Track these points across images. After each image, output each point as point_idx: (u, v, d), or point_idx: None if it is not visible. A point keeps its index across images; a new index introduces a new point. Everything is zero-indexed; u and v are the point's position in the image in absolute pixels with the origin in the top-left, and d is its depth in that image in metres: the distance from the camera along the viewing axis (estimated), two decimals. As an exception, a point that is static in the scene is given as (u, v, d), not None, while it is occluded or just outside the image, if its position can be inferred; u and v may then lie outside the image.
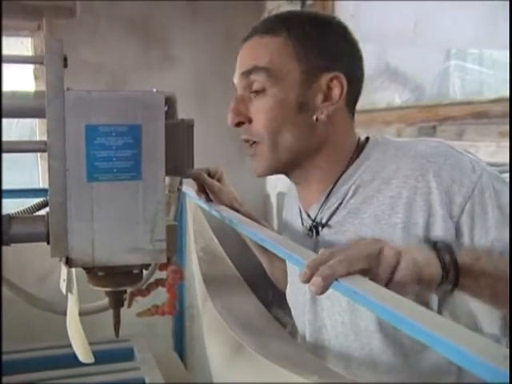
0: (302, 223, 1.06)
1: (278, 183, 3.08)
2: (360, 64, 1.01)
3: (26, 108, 0.88)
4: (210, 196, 1.15)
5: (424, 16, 2.06)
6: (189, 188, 1.22)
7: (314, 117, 0.95)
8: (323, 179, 1.00)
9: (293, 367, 0.58)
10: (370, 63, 2.38)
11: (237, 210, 1.09)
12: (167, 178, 0.91)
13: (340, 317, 0.94)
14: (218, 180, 1.17)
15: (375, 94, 2.38)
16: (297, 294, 1.04)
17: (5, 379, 1.11)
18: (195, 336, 1.57)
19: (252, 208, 1.21)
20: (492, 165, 0.91)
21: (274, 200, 3.22)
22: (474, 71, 1.93)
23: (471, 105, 1.68)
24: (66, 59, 0.83)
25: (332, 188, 0.99)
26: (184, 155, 0.91)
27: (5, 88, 0.87)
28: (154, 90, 0.87)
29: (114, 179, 0.85)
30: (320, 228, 1.00)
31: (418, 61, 2.11)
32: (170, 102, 0.90)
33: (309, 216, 1.04)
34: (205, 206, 1.15)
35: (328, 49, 0.95)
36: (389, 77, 2.29)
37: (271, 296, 2.14)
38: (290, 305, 1.06)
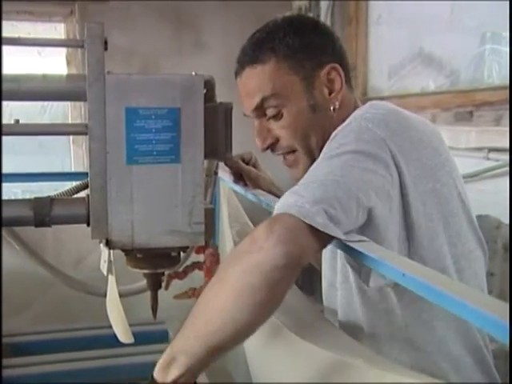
0: None
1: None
2: (339, 44, 1.06)
3: (59, 91, 0.88)
4: (248, 183, 1.15)
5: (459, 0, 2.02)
6: (223, 172, 1.22)
7: (331, 108, 1.01)
8: None
9: (336, 350, 0.58)
10: (402, 48, 2.34)
11: (275, 195, 1.09)
12: (204, 162, 0.91)
13: (339, 291, 0.98)
14: (254, 166, 1.18)
15: (408, 80, 2.35)
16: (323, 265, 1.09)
17: (41, 358, 1.13)
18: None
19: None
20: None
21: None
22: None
23: (508, 89, 1.64)
24: (106, 42, 0.84)
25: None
26: (222, 138, 0.91)
27: (36, 71, 0.88)
28: (193, 74, 0.87)
29: (154, 162, 0.85)
30: None
31: (454, 45, 2.07)
32: (208, 85, 0.89)
33: None
34: (240, 190, 1.15)
35: (313, 48, 1.01)
36: (422, 62, 2.26)
37: (301, 282, 2.14)
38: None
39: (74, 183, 1.01)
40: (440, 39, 2.15)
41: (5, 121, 0.85)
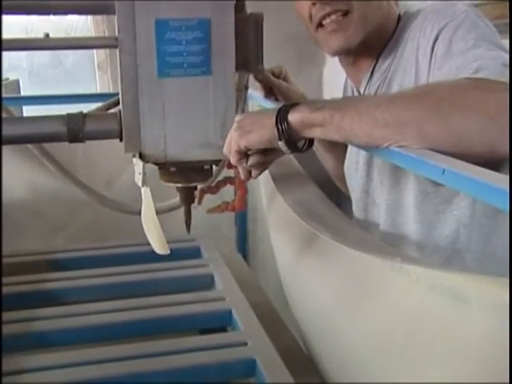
0: None
1: (334, 94, 3.03)
2: None
3: (87, 4, 0.87)
4: (278, 97, 1.14)
5: None
6: (253, 89, 1.20)
7: None
8: (370, 54, 1.04)
9: (372, 252, 0.58)
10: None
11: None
12: (236, 75, 0.89)
13: (387, 195, 0.99)
14: (284, 80, 1.16)
15: (441, -6, 2.26)
16: (351, 169, 1.11)
17: (79, 273, 1.17)
18: (258, 238, 1.61)
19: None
20: None
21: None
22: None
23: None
24: (134, -49, 0.81)
25: (375, 64, 1.04)
26: (253, 50, 0.89)
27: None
28: (223, -17, 0.84)
29: (185, 74, 0.84)
30: None
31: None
32: (238, -6, 0.87)
33: (359, 92, 1.09)
34: (271, 105, 1.14)
35: None
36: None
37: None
38: (348, 180, 1.15)
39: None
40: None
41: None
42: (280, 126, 0.74)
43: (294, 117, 0.74)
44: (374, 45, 1.02)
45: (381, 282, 0.57)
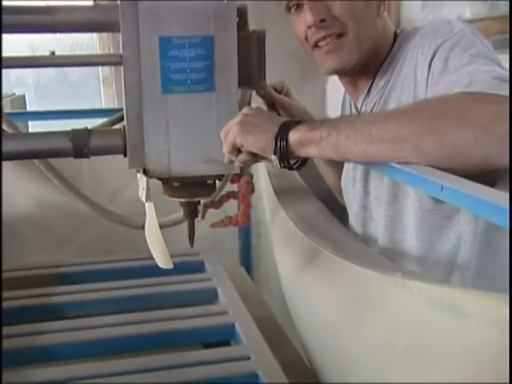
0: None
1: (338, 107, 3.04)
2: None
3: (92, 21, 0.88)
4: (281, 113, 1.15)
5: None
6: (255, 104, 1.21)
7: (381, 9, 1.01)
8: (367, 72, 1.05)
9: (373, 267, 0.59)
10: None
11: (309, 123, 1.09)
12: (238, 91, 0.91)
13: (385, 211, 0.99)
14: (286, 95, 1.17)
15: (443, 9, 2.27)
16: (349, 184, 1.12)
17: (83, 287, 1.17)
18: (262, 252, 1.61)
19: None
20: None
21: (334, 123, 3.17)
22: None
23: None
24: (137, -30, 0.83)
25: (372, 82, 1.05)
26: (256, 66, 0.90)
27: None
28: (225, 1, 0.86)
29: (188, 91, 0.86)
30: None
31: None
32: (241, 12, 0.88)
33: (356, 108, 1.11)
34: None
35: None
36: (457, -10, 2.18)
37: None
38: (344, 194, 1.16)
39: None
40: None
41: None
42: (279, 142, 0.76)
43: (293, 136, 0.76)
44: (370, 63, 1.03)
45: (382, 297, 0.58)
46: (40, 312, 1.09)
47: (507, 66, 0.87)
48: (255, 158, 0.83)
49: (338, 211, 1.19)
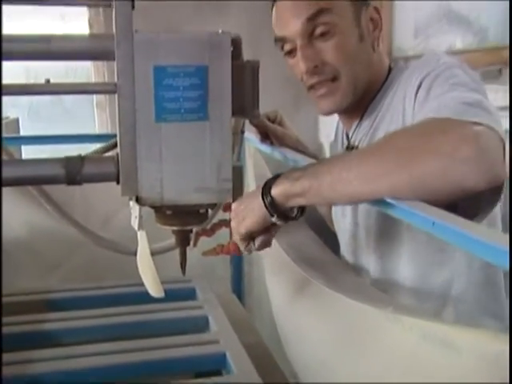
0: (342, 144, 1.17)
1: (331, 133, 3.06)
2: None
3: (88, 50, 0.88)
4: (274, 142, 1.16)
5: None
6: (249, 132, 1.22)
7: (374, 45, 1.04)
8: (361, 105, 1.07)
9: (366, 301, 0.59)
10: (429, 6, 2.30)
11: (301, 152, 1.10)
12: (232, 120, 0.91)
13: (375, 242, 1.00)
14: (280, 124, 1.18)
15: (434, 39, 2.31)
16: (339, 214, 1.14)
17: (74, 313, 1.16)
18: (254, 279, 1.61)
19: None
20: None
21: (327, 149, 3.20)
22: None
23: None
24: (133, 1, 0.84)
25: (365, 112, 1.07)
26: (249, 96, 0.91)
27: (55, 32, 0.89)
28: (220, 31, 0.87)
29: (182, 120, 0.86)
30: (352, 150, 1.09)
31: (482, 2, 2.03)
32: (235, 42, 0.89)
33: (347, 137, 1.14)
34: (266, 149, 1.16)
35: None
36: (449, 20, 2.22)
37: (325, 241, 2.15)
38: (335, 224, 1.17)
39: (99, 145, 1.03)
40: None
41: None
42: (267, 204, 0.82)
43: (276, 191, 0.81)
44: (365, 97, 1.06)
45: (374, 330, 0.58)
46: (28, 339, 1.08)
47: (496, 96, 0.88)
48: (269, 232, 0.88)
49: (330, 239, 1.20)
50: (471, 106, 0.75)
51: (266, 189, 0.82)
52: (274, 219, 0.82)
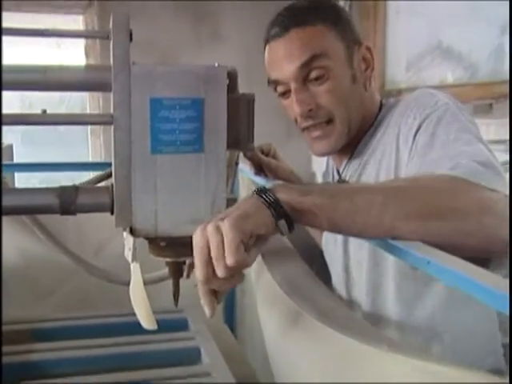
0: (333, 179, 1.18)
1: (323, 162, 3.07)
2: None
3: (84, 81, 0.89)
4: (268, 174, 1.17)
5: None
6: (243, 164, 1.23)
7: (366, 84, 1.05)
8: (352, 141, 1.08)
9: (358, 337, 0.59)
10: (421, 40, 2.34)
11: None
12: (226, 152, 0.92)
13: (366, 275, 1.00)
14: (273, 157, 1.19)
15: (426, 72, 2.35)
16: (330, 246, 1.15)
17: (64, 344, 1.15)
18: (246, 309, 1.60)
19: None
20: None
21: (319, 179, 3.21)
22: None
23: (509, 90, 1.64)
24: (131, 34, 0.85)
25: (355, 148, 1.08)
26: (245, 129, 0.92)
27: (57, 63, 0.90)
28: (216, 65, 0.88)
29: (177, 152, 0.87)
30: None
31: (473, 37, 2.07)
32: (231, 76, 0.90)
33: (338, 172, 1.15)
34: (261, 181, 1.16)
35: (351, 26, 1.06)
36: (441, 54, 2.26)
37: (315, 271, 2.15)
38: (326, 256, 1.17)
39: (92, 173, 1.03)
40: (459, 31, 2.15)
41: (26, 111, 0.87)
42: (273, 206, 0.68)
43: (283, 198, 0.69)
44: (355, 137, 1.07)
45: (366, 366, 0.58)
46: (16, 370, 1.07)
47: (488, 130, 0.90)
48: (262, 241, 0.72)
49: (325, 268, 1.20)
50: (484, 166, 0.76)
51: (267, 195, 0.69)
52: (281, 224, 0.67)
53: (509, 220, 0.68)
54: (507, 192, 0.74)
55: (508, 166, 1.70)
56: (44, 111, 0.88)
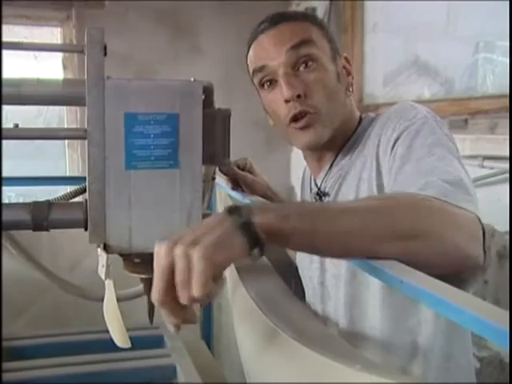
0: (311, 190, 1.16)
1: (301, 175, 3.08)
2: None
3: (59, 95, 0.88)
4: (244, 189, 1.16)
5: (455, 8, 2.04)
6: (220, 178, 1.22)
7: (349, 89, 1.08)
8: (331, 151, 1.09)
9: (333, 355, 0.58)
10: (398, 56, 2.36)
11: (271, 199, 1.10)
12: (202, 167, 0.91)
13: (344, 289, 1.00)
14: (249, 171, 1.18)
15: (403, 87, 2.37)
16: (306, 261, 1.14)
17: (37, 362, 1.13)
18: (223, 325, 1.59)
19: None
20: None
21: (298, 192, 3.22)
22: (503, 64, 1.90)
23: (504, 98, 1.66)
24: (105, 48, 0.84)
25: (334, 159, 1.09)
26: (220, 144, 0.91)
27: (33, 75, 0.89)
28: (192, 79, 0.87)
29: (152, 167, 0.86)
30: (322, 196, 1.10)
31: (449, 54, 2.09)
32: (207, 91, 0.90)
33: (316, 184, 1.13)
34: (237, 196, 1.16)
35: (333, 37, 1.09)
36: (417, 70, 2.28)
37: (291, 286, 2.15)
38: (301, 271, 1.16)
39: (69, 187, 1.02)
40: (435, 47, 2.18)
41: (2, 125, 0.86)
42: (247, 234, 0.63)
43: (259, 223, 0.64)
44: (337, 141, 1.07)
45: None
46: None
47: (464, 145, 0.91)
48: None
49: (300, 283, 1.19)
50: (454, 185, 0.78)
51: (242, 218, 0.63)
52: (254, 251, 0.62)
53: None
54: (476, 211, 0.75)
55: (482, 180, 1.72)
56: (16, 125, 0.86)
